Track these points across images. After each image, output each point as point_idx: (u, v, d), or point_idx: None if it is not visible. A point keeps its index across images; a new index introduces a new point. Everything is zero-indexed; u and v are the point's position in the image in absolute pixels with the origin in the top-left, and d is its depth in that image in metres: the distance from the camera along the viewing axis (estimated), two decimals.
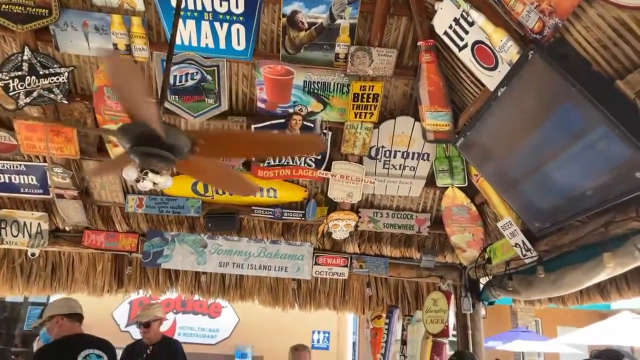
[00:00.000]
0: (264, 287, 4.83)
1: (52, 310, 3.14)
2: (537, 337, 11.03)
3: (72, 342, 3.00)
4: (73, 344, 2.99)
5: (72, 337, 3.03)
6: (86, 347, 2.99)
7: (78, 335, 3.08)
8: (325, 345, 7.45)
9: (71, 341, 3.01)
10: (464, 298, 4.30)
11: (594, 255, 2.63)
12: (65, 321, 3.08)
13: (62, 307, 3.16)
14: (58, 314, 3.10)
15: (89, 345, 3.01)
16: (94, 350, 3.01)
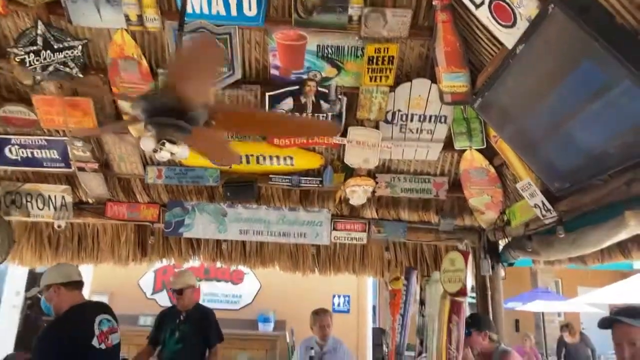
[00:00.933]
0: (284, 254, 4.92)
1: (48, 279, 3.02)
2: (557, 297, 11.07)
3: (84, 311, 2.99)
4: (85, 312, 2.98)
5: (81, 306, 3.01)
6: (99, 313, 3.00)
7: (86, 303, 3.10)
8: (346, 309, 7.58)
9: (82, 310, 2.99)
10: (483, 260, 4.31)
11: (615, 214, 2.60)
12: (63, 290, 2.96)
13: (58, 275, 3.03)
14: (54, 283, 2.97)
15: (100, 311, 3.03)
16: (105, 315, 3.03)
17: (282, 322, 7.22)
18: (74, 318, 2.92)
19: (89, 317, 2.94)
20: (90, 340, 2.85)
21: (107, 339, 2.94)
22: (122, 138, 3.54)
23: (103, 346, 2.89)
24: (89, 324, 2.90)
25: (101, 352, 2.88)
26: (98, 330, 2.90)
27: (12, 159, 4.04)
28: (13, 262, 4.77)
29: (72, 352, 2.75)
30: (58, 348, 2.73)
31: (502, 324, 4.28)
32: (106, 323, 3.00)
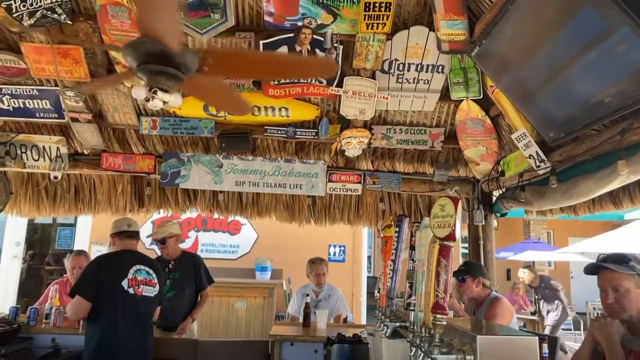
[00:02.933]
0: (280, 204, 4.96)
1: (110, 231, 3.44)
2: (548, 247, 11.32)
3: (123, 256, 3.29)
4: (124, 258, 3.27)
5: (124, 252, 3.30)
6: (137, 263, 3.26)
7: (129, 251, 3.34)
8: (341, 258, 7.74)
9: (122, 255, 3.28)
10: (477, 210, 4.39)
11: (608, 164, 2.62)
12: (115, 239, 3.36)
13: (113, 227, 3.43)
14: (111, 234, 3.41)
15: (139, 262, 3.29)
16: (143, 267, 3.27)
17: (279, 271, 7.38)
18: (115, 257, 3.29)
19: (128, 262, 3.22)
20: (120, 280, 3.11)
21: (137, 286, 3.18)
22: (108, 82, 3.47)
23: (131, 290, 3.14)
24: (125, 267, 3.18)
25: (128, 295, 3.12)
26: (132, 275, 3.18)
27: (3, 109, 3.99)
28: (11, 213, 4.80)
29: (103, 283, 3.08)
30: (94, 276, 3.10)
31: (493, 272, 4.41)
32: (144, 273, 3.25)
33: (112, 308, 3.07)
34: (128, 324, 3.11)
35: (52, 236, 9.55)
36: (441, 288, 1.23)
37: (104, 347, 3.02)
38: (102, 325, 3.05)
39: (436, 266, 1.24)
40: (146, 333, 3.28)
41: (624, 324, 2.14)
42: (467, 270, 3.48)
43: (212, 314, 6.47)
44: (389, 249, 1.96)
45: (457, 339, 1.23)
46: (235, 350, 4.01)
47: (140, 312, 3.20)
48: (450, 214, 1.24)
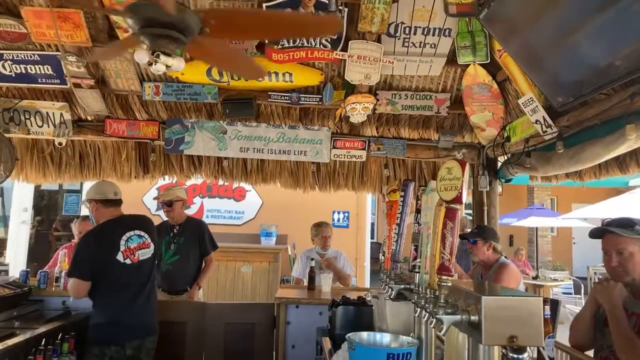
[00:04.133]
0: (284, 171, 4.96)
1: (88, 195, 3.32)
2: (551, 214, 11.36)
3: (111, 229, 3.18)
4: (113, 230, 3.17)
5: (111, 223, 3.20)
6: (126, 230, 3.19)
7: (117, 220, 3.24)
8: (345, 224, 7.81)
9: (111, 227, 3.19)
10: (481, 176, 4.38)
11: (616, 129, 2.60)
12: (99, 206, 3.23)
13: (95, 192, 3.29)
14: (92, 199, 3.26)
15: (128, 228, 3.21)
16: (134, 232, 3.22)
17: (284, 237, 7.47)
18: (103, 233, 3.16)
19: (117, 234, 3.15)
20: (114, 254, 3.07)
21: (133, 254, 3.15)
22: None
23: (128, 261, 3.11)
24: (116, 239, 3.11)
25: (126, 266, 3.10)
26: (124, 246, 3.12)
27: (5, 74, 3.96)
28: (18, 179, 4.82)
29: (98, 262, 3.03)
30: (87, 256, 3.03)
31: None
32: (136, 239, 3.20)
33: (112, 282, 3.07)
34: (130, 293, 3.13)
35: (58, 203, 9.64)
36: (447, 250, 1.24)
37: (110, 319, 3.06)
38: (105, 299, 3.08)
39: (442, 228, 1.24)
40: (148, 294, 3.27)
41: (627, 287, 2.16)
42: (480, 233, 3.53)
43: (219, 278, 6.59)
44: (394, 213, 1.97)
45: (461, 300, 1.25)
46: (242, 313, 4.11)
47: (140, 278, 3.21)
48: (458, 176, 1.24)
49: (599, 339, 2.28)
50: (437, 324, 1.23)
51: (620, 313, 2.07)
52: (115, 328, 3.04)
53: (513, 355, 1.32)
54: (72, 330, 3.19)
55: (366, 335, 1.94)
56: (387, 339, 1.92)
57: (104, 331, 3.04)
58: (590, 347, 2.34)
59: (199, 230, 4.40)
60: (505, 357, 1.32)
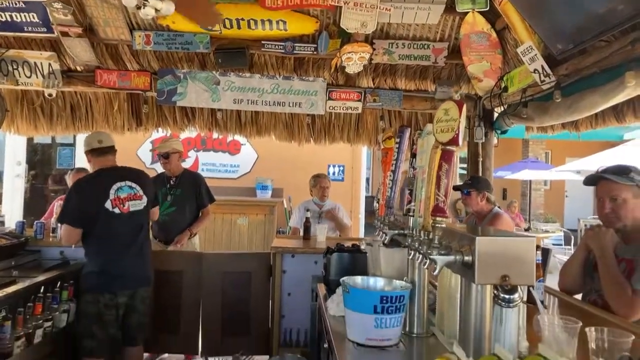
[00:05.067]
0: (279, 123, 4.92)
1: (83, 148, 3.33)
2: (545, 167, 11.43)
3: (102, 177, 3.17)
4: (103, 179, 3.16)
5: (103, 172, 3.20)
6: (117, 180, 3.16)
7: (109, 169, 3.23)
8: (341, 178, 7.84)
9: (102, 175, 3.19)
10: (477, 127, 4.36)
11: (615, 77, 2.57)
12: (92, 157, 3.23)
13: (86, 144, 3.28)
14: (85, 151, 3.28)
15: (119, 179, 3.18)
16: (125, 183, 3.19)
17: (280, 190, 7.50)
18: (93, 181, 3.19)
19: (108, 183, 3.14)
20: (103, 203, 3.07)
21: (122, 204, 3.14)
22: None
23: (117, 210, 3.11)
24: (106, 188, 3.11)
25: (114, 215, 3.09)
26: (114, 195, 3.11)
27: None
28: (9, 131, 4.76)
29: (87, 209, 3.06)
30: (76, 202, 3.06)
31: None
32: (126, 190, 3.18)
33: (102, 228, 3.07)
34: (120, 240, 3.13)
35: (52, 157, 9.58)
36: (442, 192, 1.24)
37: (99, 263, 3.08)
38: (94, 244, 3.10)
39: (437, 170, 1.24)
40: (141, 245, 3.26)
41: (618, 234, 2.19)
42: (474, 184, 3.54)
43: (215, 230, 6.67)
44: (389, 161, 1.96)
45: (455, 242, 1.26)
46: (238, 262, 4.17)
47: (131, 227, 3.19)
48: (454, 117, 1.23)
49: (587, 284, 2.33)
50: (430, 264, 1.25)
51: (611, 258, 2.11)
52: (106, 277, 3.06)
53: (504, 296, 1.35)
54: (70, 279, 3.24)
55: (360, 280, 1.98)
56: (381, 283, 1.95)
57: (96, 280, 3.06)
58: (579, 291, 2.41)
59: (196, 182, 4.41)
60: (496, 297, 1.35)
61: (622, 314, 1.99)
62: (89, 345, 3.01)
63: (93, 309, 3.02)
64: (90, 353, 3.01)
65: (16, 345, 2.55)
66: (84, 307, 3.05)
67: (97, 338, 3.02)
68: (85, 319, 3.03)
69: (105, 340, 3.05)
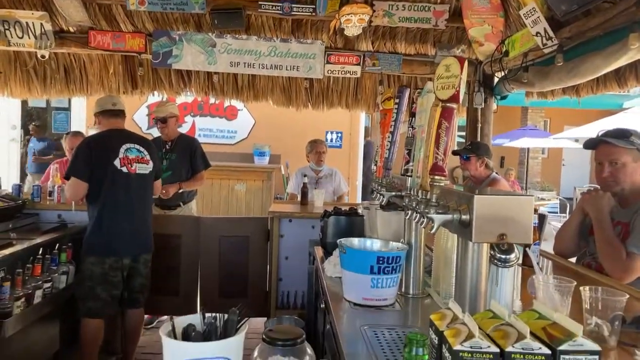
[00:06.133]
0: (276, 88, 4.85)
1: (95, 109, 3.37)
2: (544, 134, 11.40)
3: (112, 136, 3.23)
4: (115, 137, 3.23)
5: (113, 131, 3.25)
6: (127, 142, 3.22)
7: (119, 130, 3.29)
8: (338, 144, 7.81)
9: (112, 135, 3.23)
10: (477, 93, 4.32)
11: (618, 40, 2.52)
12: (101, 118, 3.29)
13: (97, 106, 3.35)
14: (95, 112, 3.34)
15: (129, 140, 3.25)
16: (134, 145, 3.24)
17: (277, 156, 7.48)
18: (105, 137, 3.21)
19: (117, 141, 3.19)
20: (112, 160, 3.10)
21: (130, 164, 3.17)
22: None
23: (125, 169, 3.14)
24: (116, 146, 3.15)
25: (122, 173, 3.13)
26: (123, 154, 3.15)
27: None
28: (2, 93, 4.69)
29: (96, 163, 3.08)
30: (86, 157, 3.09)
31: None
32: (135, 152, 3.22)
33: (108, 187, 3.09)
34: (125, 202, 3.15)
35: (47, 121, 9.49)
36: (441, 150, 1.22)
37: (105, 225, 3.09)
38: (100, 205, 3.10)
39: (437, 128, 1.22)
40: (145, 210, 3.31)
41: (615, 197, 2.20)
42: (473, 149, 3.53)
43: (213, 196, 6.68)
44: (388, 122, 1.94)
45: (453, 202, 1.26)
46: (236, 226, 4.19)
47: (136, 190, 3.22)
48: (456, 74, 1.20)
49: (582, 247, 2.35)
50: (427, 223, 1.25)
51: (607, 221, 2.11)
52: (112, 239, 3.09)
53: (501, 256, 1.35)
54: (68, 241, 3.26)
55: (357, 241, 1.98)
56: (378, 245, 1.96)
57: (102, 242, 3.08)
58: (574, 254, 2.43)
59: (191, 146, 4.38)
60: (493, 257, 1.36)
61: (616, 276, 2.01)
62: (92, 306, 3.05)
63: (98, 271, 3.04)
64: (92, 314, 3.06)
65: (16, 305, 2.57)
66: (87, 269, 3.06)
67: (100, 299, 3.06)
68: (90, 281, 3.04)
69: (108, 301, 3.09)
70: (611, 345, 1.35)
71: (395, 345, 1.43)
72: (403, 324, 1.68)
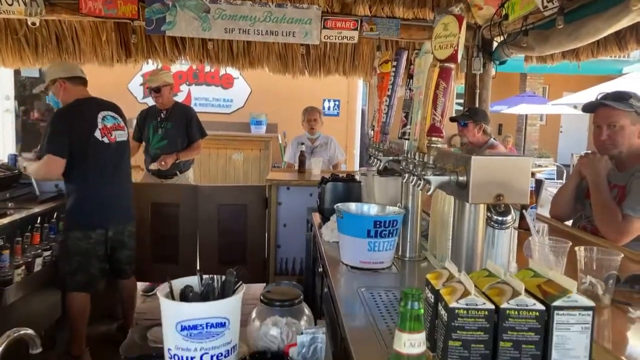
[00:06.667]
0: (272, 54, 4.78)
1: (52, 74, 3.09)
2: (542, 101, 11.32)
3: (89, 104, 3.09)
4: (91, 105, 3.09)
5: (88, 100, 3.10)
6: (103, 109, 3.11)
7: (93, 98, 3.15)
8: (336, 112, 7.75)
9: (87, 103, 3.08)
10: (475, 58, 4.26)
11: (620, 1, 2.46)
12: (69, 85, 3.04)
13: (62, 70, 3.10)
14: (59, 78, 3.05)
15: (105, 107, 3.14)
16: (108, 112, 3.12)
17: (274, 125, 7.43)
18: (79, 109, 3.02)
19: (93, 111, 3.05)
20: (93, 131, 2.98)
21: (110, 134, 3.07)
22: None
23: (106, 140, 3.04)
24: (92, 116, 3.02)
25: (104, 144, 3.03)
26: (101, 124, 3.03)
27: None
28: None
29: (76, 138, 2.93)
30: (64, 131, 2.90)
31: None
32: (111, 119, 3.11)
33: (91, 160, 2.97)
34: (108, 173, 3.06)
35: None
36: (438, 111, 1.21)
37: (89, 198, 2.98)
38: (82, 178, 2.97)
39: (435, 89, 1.20)
40: (126, 178, 3.24)
41: (612, 160, 2.19)
42: (471, 115, 3.51)
43: (210, 165, 6.67)
44: (385, 86, 1.92)
45: (450, 164, 1.25)
46: (234, 194, 4.20)
47: (117, 158, 3.14)
48: (454, 33, 1.17)
49: (578, 210, 2.36)
50: (424, 185, 1.24)
51: (603, 184, 2.11)
52: (97, 212, 2.99)
53: (497, 218, 1.36)
54: None
55: (354, 206, 1.99)
56: (375, 209, 1.97)
57: (87, 215, 2.98)
58: (570, 218, 2.44)
59: (186, 115, 4.34)
60: (489, 219, 1.36)
61: (612, 238, 2.03)
62: (80, 280, 2.96)
63: (84, 245, 2.95)
64: (81, 289, 2.98)
65: (16, 273, 2.60)
66: (73, 244, 2.95)
67: (89, 273, 2.98)
68: (77, 255, 2.95)
69: (96, 275, 3.02)
70: (605, 303, 1.37)
71: (392, 306, 1.45)
72: (400, 285, 1.71)
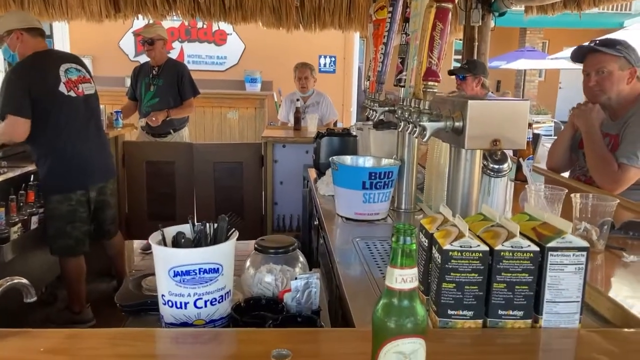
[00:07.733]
0: (265, 8, 4.63)
1: (8, 24, 2.83)
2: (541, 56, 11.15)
3: (48, 57, 2.88)
4: (50, 58, 2.88)
5: (46, 52, 2.88)
6: (65, 61, 2.90)
7: (52, 50, 2.96)
8: (332, 69, 7.61)
9: (47, 55, 2.88)
10: (474, 10, 4.14)
11: None
12: (26, 36, 2.79)
13: (19, 21, 2.84)
14: (16, 29, 2.79)
15: (67, 59, 2.94)
16: (73, 65, 2.93)
17: (269, 83, 7.32)
18: (39, 62, 2.80)
19: (54, 64, 2.83)
20: (57, 86, 2.78)
21: (76, 87, 2.87)
22: None
23: (72, 94, 2.84)
24: (53, 70, 2.80)
25: (71, 99, 2.84)
26: (65, 77, 2.82)
27: None
28: None
29: (39, 95, 2.72)
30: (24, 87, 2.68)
31: None
32: (75, 72, 2.91)
33: (58, 117, 2.78)
34: (80, 129, 2.89)
35: None
36: (435, 54, 1.17)
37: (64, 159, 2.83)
38: (52, 139, 2.79)
39: (431, 31, 1.16)
40: (100, 132, 3.12)
41: (605, 111, 2.17)
42: (470, 68, 3.46)
43: (205, 124, 6.61)
44: (381, 33, 1.86)
45: (447, 110, 1.22)
46: (229, 152, 4.18)
47: (89, 115, 2.96)
48: None
49: (574, 161, 2.36)
50: (420, 131, 1.22)
51: (596, 133, 2.10)
52: (74, 172, 2.87)
53: (493, 166, 1.34)
54: None
55: (350, 159, 1.98)
56: (370, 162, 1.96)
57: (64, 177, 2.85)
58: (566, 169, 2.44)
59: (178, 72, 4.24)
60: (485, 167, 1.34)
61: (607, 187, 2.03)
62: (64, 245, 2.88)
63: (65, 208, 2.84)
64: (67, 253, 2.92)
65: (13, 231, 2.60)
66: (54, 208, 2.83)
67: (72, 237, 2.88)
68: (60, 220, 2.84)
69: (80, 238, 2.93)
70: (599, 248, 1.38)
71: (386, 254, 1.45)
72: None
